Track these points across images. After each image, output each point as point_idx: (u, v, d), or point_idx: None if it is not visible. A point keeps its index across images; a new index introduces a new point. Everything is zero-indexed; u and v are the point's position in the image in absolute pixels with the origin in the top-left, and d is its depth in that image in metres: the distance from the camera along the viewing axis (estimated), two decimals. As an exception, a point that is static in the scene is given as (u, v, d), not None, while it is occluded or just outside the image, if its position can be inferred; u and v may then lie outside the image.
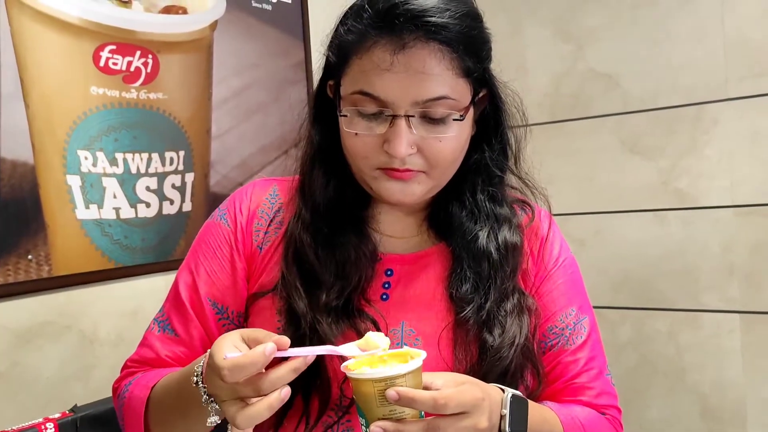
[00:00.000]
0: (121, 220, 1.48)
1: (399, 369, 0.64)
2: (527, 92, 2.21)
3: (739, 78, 1.92)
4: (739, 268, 1.95)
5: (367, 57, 0.77)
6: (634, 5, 2.06)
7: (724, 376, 1.98)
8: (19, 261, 1.31)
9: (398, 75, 0.76)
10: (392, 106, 0.77)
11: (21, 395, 1.32)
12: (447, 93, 0.77)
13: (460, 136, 0.80)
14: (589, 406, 0.87)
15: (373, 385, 0.65)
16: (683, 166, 2.02)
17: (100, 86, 1.43)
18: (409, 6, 0.75)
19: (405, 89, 0.76)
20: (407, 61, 0.75)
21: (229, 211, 0.91)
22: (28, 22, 1.33)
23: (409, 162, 0.79)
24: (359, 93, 0.78)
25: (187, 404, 0.72)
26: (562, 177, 2.21)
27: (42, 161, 1.35)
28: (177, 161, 1.60)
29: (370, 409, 0.66)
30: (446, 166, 0.81)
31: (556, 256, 0.92)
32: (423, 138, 0.78)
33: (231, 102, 1.75)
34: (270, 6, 1.84)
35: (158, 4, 1.55)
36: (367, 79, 0.77)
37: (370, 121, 0.79)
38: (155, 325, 0.89)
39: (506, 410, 0.71)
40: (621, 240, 2.14)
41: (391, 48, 0.76)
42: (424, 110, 0.77)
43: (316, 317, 0.80)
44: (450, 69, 0.77)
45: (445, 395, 0.64)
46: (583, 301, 0.92)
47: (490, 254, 0.85)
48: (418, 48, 0.76)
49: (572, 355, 0.88)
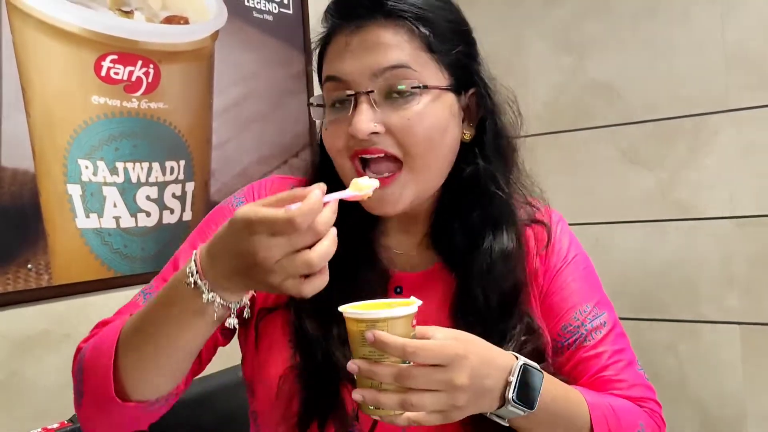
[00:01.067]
0: (121, 230, 1.48)
1: (383, 313, 0.65)
2: (528, 103, 2.22)
3: (739, 89, 1.92)
4: (738, 279, 1.95)
5: (330, 46, 0.81)
6: (634, 17, 2.07)
7: (724, 387, 1.97)
8: (18, 270, 1.31)
9: (354, 51, 0.77)
10: (353, 84, 0.77)
11: (19, 405, 1.31)
12: (406, 61, 0.77)
13: (431, 115, 0.78)
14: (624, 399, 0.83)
15: (356, 325, 0.66)
16: (683, 177, 2.02)
17: (101, 96, 1.44)
18: None
19: (361, 63, 0.77)
20: (362, 38, 0.77)
21: (247, 198, 0.90)
22: (31, 31, 1.33)
23: (378, 141, 0.77)
24: (326, 81, 0.80)
25: (179, 311, 0.67)
26: (562, 187, 2.21)
27: (43, 170, 1.35)
28: (177, 170, 1.60)
29: (355, 347, 0.67)
30: (421, 150, 0.78)
31: (564, 253, 0.90)
32: (388, 115, 0.77)
33: (231, 111, 1.75)
34: (271, 17, 1.85)
35: (160, 14, 1.56)
36: (331, 65, 0.80)
37: (338, 111, 0.79)
38: (141, 296, 0.86)
39: (513, 377, 0.70)
40: (620, 250, 2.14)
41: (347, 30, 0.78)
42: (384, 84, 0.77)
43: (327, 343, 0.79)
44: (408, 41, 0.77)
45: (416, 344, 0.64)
46: (600, 298, 0.90)
47: (487, 275, 0.83)
48: (373, 25, 0.78)
49: (593, 350, 0.85)
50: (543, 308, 0.88)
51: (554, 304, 0.87)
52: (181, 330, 0.68)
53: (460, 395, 0.66)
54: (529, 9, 2.25)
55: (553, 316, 0.87)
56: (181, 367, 0.74)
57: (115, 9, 1.47)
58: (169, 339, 0.69)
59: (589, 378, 0.84)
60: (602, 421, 0.77)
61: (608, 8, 2.11)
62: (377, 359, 0.65)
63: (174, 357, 0.71)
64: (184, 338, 0.69)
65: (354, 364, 0.66)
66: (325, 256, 0.61)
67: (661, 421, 0.87)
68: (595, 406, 0.78)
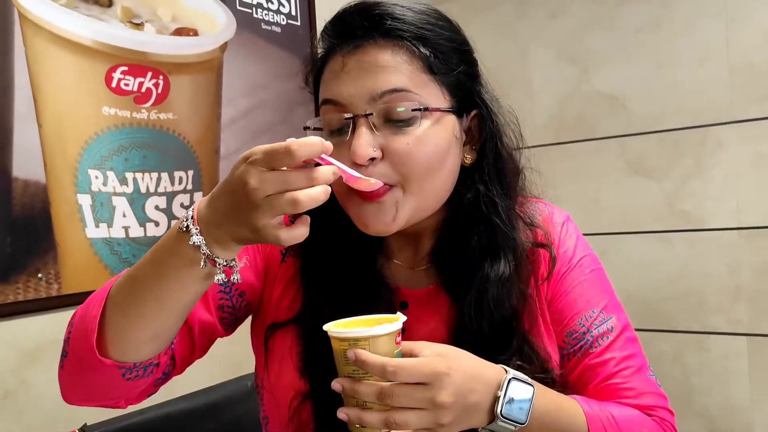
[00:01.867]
0: (131, 239, 1.49)
1: (365, 331, 0.65)
2: (533, 114, 2.24)
3: (744, 101, 1.93)
4: (745, 291, 1.95)
5: (327, 68, 0.78)
6: (638, 29, 2.09)
7: (732, 399, 1.97)
8: (29, 279, 1.32)
9: (351, 73, 0.74)
10: (350, 107, 0.74)
11: (28, 414, 1.32)
12: (405, 85, 0.74)
13: (432, 140, 0.75)
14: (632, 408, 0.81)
15: (339, 344, 0.66)
16: (689, 187, 2.03)
17: (111, 107, 1.45)
18: (359, 6, 0.77)
19: (358, 85, 0.74)
20: (360, 58, 0.74)
21: None
22: (43, 43, 1.35)
23: (377, 172, 0.73)
24: (323, 104, 0.78)
25: (168, 261, 0.66)
26: (568, 198, 2.21)
27: (53, 180, 1.36)
28: (186, 181, 1.61)
29: (339, 366, 0.67)
30: (421, 176, 0.75)
31: (569, 256, 0.87)
32: (388, 140, 0.74)
33: (239, 122, 1.76)
34: (279, 28, 1.86)
35: (170, 26, 1.57)
36: (328, 86, 0.77)
37: (337, 136, 0.76)
38: None
39: (501, 392, 0.69)
40: (627, 261, 2.14)
41: (343, 50, 0.76)
42: (383, 107, 0.73)
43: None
44: (408, 63, 0.74)
45: (396, 363, 0.64)
46: (608, 301, 0.86)
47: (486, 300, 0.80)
48: (370, 44, 0.75)
49: (599, 357, 0.82)
50: (550, 315, 0.85)
51: (559, 311, 0.85)
52: (168, 281, 0.66)
53: (444, 413, 0.65)
54: (535, 21, 2.27)
55: (558, 323, 0.85)
56: (165, 328, 0.71)
57: (126, 21, 1.48)
58: (154, 291, 0.67)
59: (595, 386, 0.82)
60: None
61: (613, 20, 2.13)
62: (361, 377, 0.65)
63: (159, 313, 0.69)
64: (169, 290, 0.67)
65: (338, 383, 0.66)
66: (313, 200, 0.59)
67: (673, 429, 0.84)
68: (594, 417, 0.76)
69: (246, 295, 0.86)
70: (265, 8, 1.83)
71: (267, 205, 0.59)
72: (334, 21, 0.79)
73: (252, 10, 1.79)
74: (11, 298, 1.29)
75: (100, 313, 0.70)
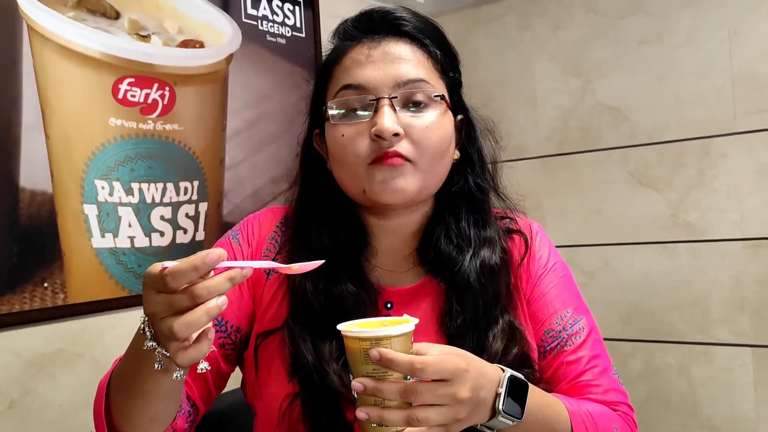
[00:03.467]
0: (136, 249, 1.50)
1: (385, 331, 0.66)
2: (536, 125, 2.25)
3: (747, 112, 1.94)
4: (749, 302, 1.94)
5: (348, 58, 0.85)
6: (641, 41, 2.10)
7: (737, 410, 1.96)
8: (35, 289, 1.33)
9: (377, 63, 0.83)
10: (374, 90, 0.82)
11: (33, 423, 1.32)
12: (425, 77, 0.84)
13: (442, 124, 0.84)
14: (599, 404, 0.87)
15: (359, 343, 0.67)
16: (692, 198, 2.03)
17: (118, 117, 1.47)
18: (382, 12, 0.87)
19: (385, 73, 0.82)
20: (384, 51, 0.84)
21: (242, 232, 0.93)
22: (50, 55, 1.36)
23: (397, 146, 0.81)
24: (343, 88, 0.84)
25: (138, 358, 0.68)
26: (571, 209, 2.22)
27: (60, 190, 1.37)
28: (191, 191, 1.62)
29: (356, 366, 0.68)
30: (433, 154, 0.83)
31: (544, 261, 0.94)
32: (408, 122, 0.82)
33: (244, 133, 1.78)
34: (284, 40, 1.88)
35: (176, 38, 1.59)
36: (349, 74, 0.84)
37: (357, 117, 0.83)
38: None
39: (502, 389, 0.72)
40: (630, 272, 2.14)
41: (368, 44, 0.85)
42: (405, 92, 0.82)
43: (324, 368, 0.80)
44: (425, 59, 0.85)
45: (423, 360, 0.65)
46: (578, 303, 0.94)
47: (472, 284, 0.86)
48: (393, 41, 0.85)
49: (572, 355, 0.89)
50: (529, 314, 0.91)
51: (537, 311, 0.91)
52: (143, 378, 0.69)
53: (462, 408, 0.67)
54: (538, 33, 2.28)
55: (536, 322, 0.91)
56: (160, 413, 0.74)
57: (133, 33, 1.50)
58: (135, 386, 0.70)
59: (567, 382, 0.88)
60: (582, 426, 0.81)
61: (616, 32, 2.14)
62: (381, 376, 0.66)
63: (148, 403, 0.72)
64: (147, 384, 0.69)
65: (359, 383, 0.66)
66: (189, 326, 0.59)
67: (633, 423, 0.91)
68: (575, 413, 0.81)
69: (242, 330, 0.90)
70: (270, 20, 1.84)
71: (163, 327, 0.60)
72: (357, 19, 0.88)
73: (257, 22, 1.81)
74: (17, 307, 1.30)
75: (103, 406, 0.75)
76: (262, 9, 1.82)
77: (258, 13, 1.81)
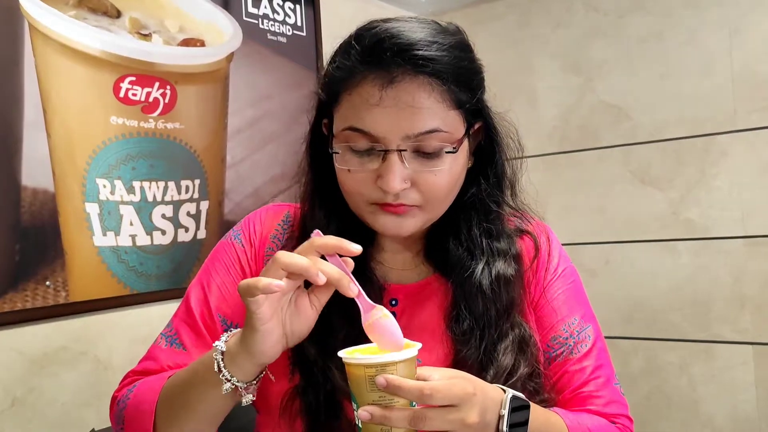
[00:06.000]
0: (137, 247, 1.50)
1: (390, 357, 0.65)
2: (537, 123, 2.25)
3: (748, 110, 1.94)
4: (750, 299, 1.94)
5: (356, 93, 0.77)
6: (641, 39, 2.10)
7: (738, 408, 1.96)
8: (37, 287, 1.33)
9: (388, 109, 0.75)
10: (383, 141, 0.76)
11: (35, 421, 1.33)
12: (438, 126, 0.76)
13: (454, 168, 0.80)
14: (599, 415, 0.86)
15: (364, 370, 0.65)
16: (693, 196, 2.03)
17: (119, 116, 1.47)
18: (395, 40, 0.75)
19: (395, 123, 0.75)
20: (396, 95, 0.75)
21: (244, 232, 0.92)
22: (52, 54, 1.37)
23: (403, 197, 0.78)
24: (350, 129, 0.77)
25: (202, 383, 0.74)
26: (573, 207, 2.22)
27: (62, 189, 1.38)
28: (192, 189, 1.62)
29: (361, 394, 0.66)
30: (441, 199, 0.81)
31: (554, 266, 0.92)
32: (416, 172, 0.77)
33: (245, 132, 1.78)
34: (285, 39, 1.88)
35: (177, 37, 1.59)
36: (357, 114, 0.77)
37: (362, 157, 0.78)
38: (162, 339, 0.88)
39: (505, 410, 0.70)
40: (632, 270, 2.14)
41: (379, 83, 0.75)
42: (416, 144, 0.76)
43: (327, 364, 0.80)
44: (441, 101, 0.76)
45: (431, 386, 0.64)
46: (586, 310, 0.92)
47: (484, 292, 0.84)
48: (407, 82, 0.75)
49: (578, 364, 0.87)
50: (536, 319, 0.90)
51: (544, 316, 0.89)
52: (201, 402, 0.75)
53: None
54: (539, 30, 2.28)
55: (542, 327, 0.89)
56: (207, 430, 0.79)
57: (134, 32, 1.50)
58: (194, 410, 0.76)
59: (570, 392, 0.87)
60: None
61: (617, 30, 2.14)
62: (387, 404, 0.65)
63: (200, 424, 0.77)
64: (204, 409, 0.75)
65: (366, 412, 0.65)
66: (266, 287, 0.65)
67: None
68: (575, 429, 0.80)
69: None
70: (271, 19, 1.85)
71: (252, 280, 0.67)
72: (368, 50, 0.77)
73: (258, 20, 1.81)
74: (19, 305, 1.31)
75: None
76: (262, 8, 1.83)
77: (259, 12, 1.82)
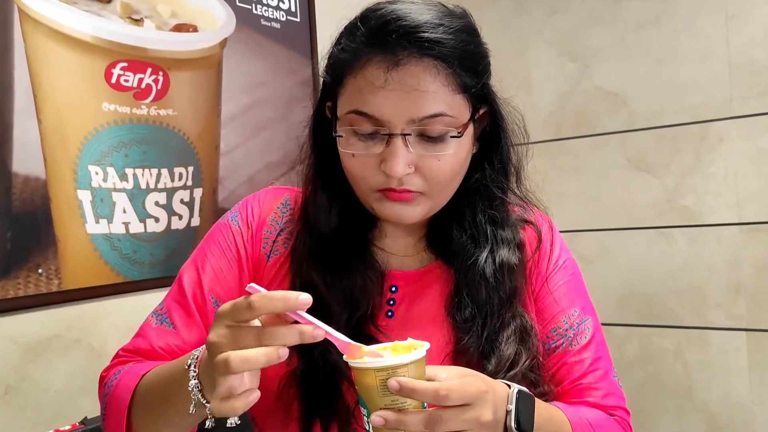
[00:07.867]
0: (131, 235, 1.49)
1: (401, 359, 0.63)
2: (533, 110, 2.24)
3: (744, 97, 1.93)
4: (745, 286, 1.95)
5: (361, 75, 0.76)
6: (638, 25, 2.09)
7: (732, 394, 1.97)
8: (29, 275, 1.33)
9: (393, 93, 0.74)
10: (388, 124, 0.75)
11: (29, 409, 1.32)
12: (443, 110, 0.75)
13: (458, 153, 0.79)
14: (597, 407, 0.86)
15: (375, 375, 0.63)
16: (689, 183, 2.03)
17: (111, 103, 1.45)
18: (401, 22, 0.74)
19: (400, 107, 0.74)
20: (401, 78, 0.74)
21: (241, 214, 0.91)
22: (42, 39, 1.35)
23: (407, 182, 0.77)
24: (354, 112, 0.77)
25: (174, 392, 0.69)
26: (568, 194, 2.22)
27: (53, 176, 1.36)
28: (186, 177, 1.61)
29: (372, 399, 0.64)
30: (445, 184, 0.80)
31: (556, 257, 0.92)
32: (421, 157, 0.77)
33: (239, 119, 1.76)
34: (279, 24, 1.86)
35: (169, 22, 1.57)
36: (362, 97, 0.76)
37: (366, 140, 0.77)
38: (153, 317, 0.88)
39: (512, 405, 0.70)
40: (627, 257, 2.14)
41: (384, 65, 0.74)
42: (420, 128, 0.76)
43: (327, 348, 0.78)
44: (446, 85, 0.75)
45: (447, 386, 0.63)
46: (585, 302, 0.92)
47: (488, 280, 0.84)
48: (412, 64, 0.74)
49: (577, 356, 0.87)
50: (536, 310, 0.90)
51: (545, 307, 0.89)
52: (170, 408, 0.71)
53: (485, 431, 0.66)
54: (535, 16, 2.27)
55: (543, 318, 0.89)
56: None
57: (125, 17, 1.48)
58: (165, 413, 0.72)
59: (569, 384, 0.87)
60: None
61: (613, 17, 2.13)
62: (399, 407, 0.63)
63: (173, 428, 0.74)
64: (173, 417, 0.72)
65: (379, 417, 0.63)
66: (244, 362, 0.57)
67: (629, 426, 0.89)
68: (576, 424, 0.80)
69: None
70: (264, 4, 1.83)
71: (220, 357, 0.59)
72: (373, 32, 0.76)
73: (251, 6, 1.79)
74: (12, 293, 1.30)
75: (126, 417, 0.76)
76: (256, -7, 1.81)
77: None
